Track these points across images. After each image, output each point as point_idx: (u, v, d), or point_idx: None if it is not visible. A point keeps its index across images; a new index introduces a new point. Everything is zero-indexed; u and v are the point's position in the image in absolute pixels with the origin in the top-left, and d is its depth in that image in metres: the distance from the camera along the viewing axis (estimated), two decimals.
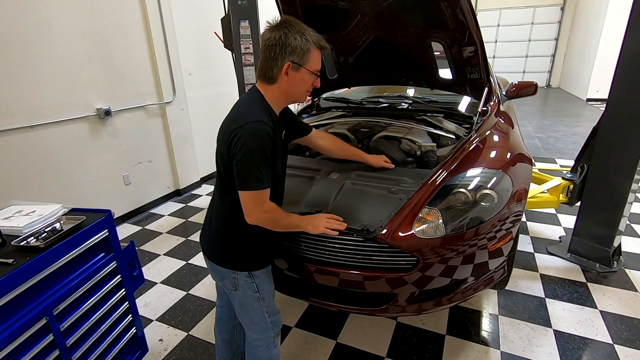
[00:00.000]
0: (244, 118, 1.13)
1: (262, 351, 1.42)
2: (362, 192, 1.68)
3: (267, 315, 1.39)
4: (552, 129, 6.59)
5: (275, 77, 1.17)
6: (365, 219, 1.50)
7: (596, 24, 9.06)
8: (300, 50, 1.14)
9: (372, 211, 1.55)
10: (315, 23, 2.25)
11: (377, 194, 1.66)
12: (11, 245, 1.33)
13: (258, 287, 1.33)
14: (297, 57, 1.14)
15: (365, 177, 1.78)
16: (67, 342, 1.42)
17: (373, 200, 1.62)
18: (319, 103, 2.83)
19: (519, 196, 1.67)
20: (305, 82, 1.21)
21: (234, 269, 1.30)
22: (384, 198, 1.62)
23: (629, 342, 1.90)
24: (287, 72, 1.16)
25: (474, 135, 1.89)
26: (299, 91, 1.23)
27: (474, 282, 1.64)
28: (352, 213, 1.54)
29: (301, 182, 1.81)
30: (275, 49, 1.13)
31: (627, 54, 2.18)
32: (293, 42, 1.13)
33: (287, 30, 1.13)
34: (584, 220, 2.57)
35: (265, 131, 1.12)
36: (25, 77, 2.60)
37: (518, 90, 2.69)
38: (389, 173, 1.79)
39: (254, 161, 1.12)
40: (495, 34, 12.16)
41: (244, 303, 1.36)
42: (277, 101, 1.24)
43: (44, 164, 2.79)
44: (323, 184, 1.76)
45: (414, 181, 1.69)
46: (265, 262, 1.36)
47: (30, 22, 2.59)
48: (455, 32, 1.93)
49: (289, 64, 1.14)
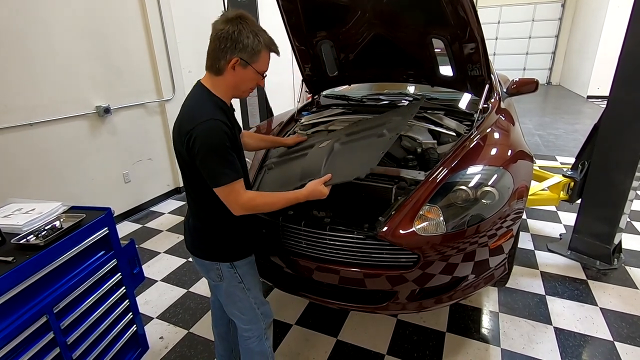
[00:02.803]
0: (196, 118, 1.13)
1: (254, 343, 1.43)
2: (351, 148, 1.67)
3: (255, 307, 1.40)
4: (553, 126, 6.58)
5: (222, 69, 1.17)
6: (356, 167, 1.45)
7: (597, 21, 9.03)
8: (251, 49, 1.15)
9: (362, 158, 1.53)
10: (316, 20, 2.27)
11: (366, 143, 1.65)
12: (11, 243, 1.33)
13: (242, 278, 1.35)
14: (247, 55, 1.16)
15: (354, 133, 1.78)
16: (68, 340, 1.42)
17: (362, 150, 1.61)
18: (319, 100, 2.83)
19: (520, 193, 1.67)
20: (250, 80, 1.22)
21: (215, 261, 1.32)
22: (372, 144, 1.60)
23: (629, 340, 1.90)
24: (234, 67, 1.16)
25: (474, 132, 1.89)
26: (243, 87, 1.24)
27: (474, 279, 1.64)
28: (342, 168, 1.51)
29: (294, 162, 1.79)
30: (226, 42, 1.13)
31: (628, 51, 2.17)
32: (245, 40, 1.14)
33: (242, 27, 1.13)
34: (585, 217, 2.56)
35: (219, 128, 1.12)
36: (24, 74, 2.59)
37: (519, 87, 2.68)
38: (375, 121, 1.84)
39: (215, 158, 1.12)
40: (496, 31, 12.12)
41: (230, 294, 1.38)
42: (225, 93, 1.24)
43: (44, 161, 2.78)
44: (313, 154, 1.72)
45: (401, 117, 1.70)
46: (245, 253, 1.37)
47: (28, 20, 2.57)
48: (456, 28, 1.92)
49: (237, 59, 1.15)
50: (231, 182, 1.14)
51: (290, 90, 6.35)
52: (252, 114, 3.76)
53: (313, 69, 2.61)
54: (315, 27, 2.30)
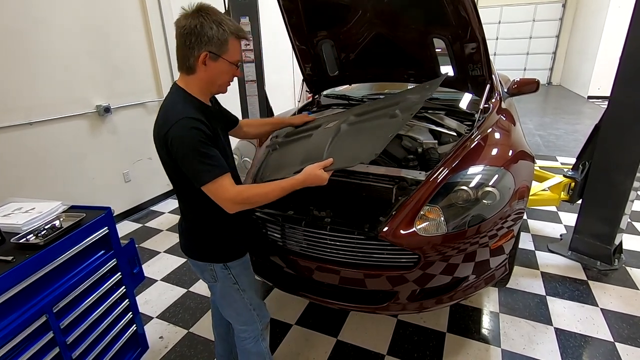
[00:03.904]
0: (170, 120, 1.11)
1: (250, 344, 1.43)
2: (359, 129, 1.52)
3: (251, 307, 1.39)
4: (553, 126, 6.58)
5: (193, 66, 1.14)
6: (361, 152, 1.32)
7: (597, 21, 9.02)
8: (217, 40, 1.10)
9: (370, 141, 1.37)
10: (316, 19, 2.27)
11: (375, 124, 1.49)
12: (10, 242, 1.33)
13: (236, 279, 1.33)
14: (215, 47, 1.11)
15: (365, 112, 1.62)
16: (67, 340, 1.42)
17: (371, 132, 1.45)
18: (320, 100, 2.82)
19: (521, 194, 1.66)
20: (224, 72, 1.18)
21: (209, 261, 1.31)
22: (382, 125, 1.44)
23: (629, 340, 1.90)
24: (205, 62, 1.12)
25: (475, 132, 1.88)
26: (219, 82, 1.19)
27: (475, 280, 1.64)
28: (347, 152, 1.37)
29: (298, 143, 1.68)
30: (190, 37, 1.09)
31: (629, 52, 2.17)
32: (209, 32, 1.09)
33: (203, 19, 1.08)
34: (585, 218, 2.56)
35: (192, 126, 1.09)
36: (23, 74, 2.59)
37: (520, 87, 2.68)
38: (390, 100, 1.67)
39: (194, 156, 1.09)
40: (497, 31, 12.11)
41: (225, 294, 1.37)
42: (202, 92, 1.20)
43: (43, 161, 2.78)
44: (318, 136, 1.59)
45: (419, 95, 1.51)
46: (238, 253, 1.34)
47: (28, 19, 2.57)
48: (457, 28, 1.92)
49: (206, 53, 1.11)
50: (215, 178, 1.10)
51: (291, 90, 6.35)
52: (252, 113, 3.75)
53: (313, 69, 2.60)
54: (315, 27, 2.30)
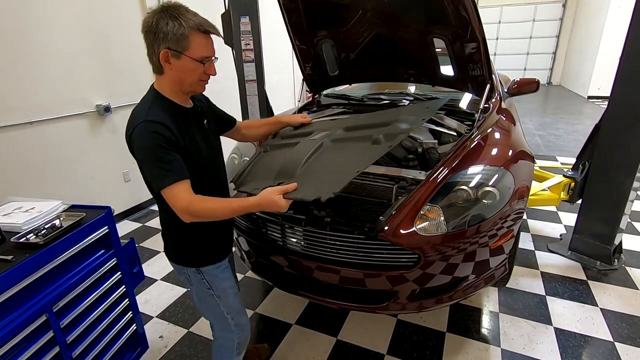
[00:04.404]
0: (133, 123, 1.08)
1: (225, 353, 1.40)
2: (339, 150, 1.37)
3: (228, 316, 1.35)
4: (553, 126, 6.58)
5: (159, 66, 1.09)
6: (324, 185, 1.18)
7: (598, 21, 9.02)
8: (174, 36, 1.03)
9: (336, 173, 1.23)
10: (317, 19, 2.27)
11: (355, 148, 1.34)
12: (10, 242, 1.33)
13: (210, 284, 1.30)
14: (173, 43, 1.04)
15: (354, 128, 1.48)
16: (67, 339, 1.42)
17: (348, 155, 1.29)
18: (320, 100, 2.82)
19: (521, 194, 1.66)
20: (192, 70, 1.11)
21: (181, 265, 1.29)
22: (362, 151, 1.28)
23: (629, 340, 1.90)
24: (168, 60, 1.07)
25: (475, 132, 1.88)
26: (189, 80, 1.13)
27: (475, 279, 1.64)
28: (312, 179, 1.25)
29: (282, 151, 1.57)
30: (149, 35, 1.05)
31: (629, 52, 2.17)
32: (165, 28, 1.03)
33: (161, 14, 1.03)
34: (585, 218, 2.56)
35: (152, 130, 1.04)
36: (24, 73, 2.58)
37: (520, 87, 2.68)
38: (385, 116, 1.51)
39: (150, 161, 1.05)
40: (497, 31, 12.11)
41: (201, 299, 1.35)
42: (174, 92, 1.15)
43: (44, 160, 2.78)
44: (301, 148, 1.48)
45: (415, 117, 1.36)
46: (212, 259, 1.29)
47: (29, 18, 2.57)
48: (457, 28, 1.92)
49: (166, 51, 1.05)
50: (170, 185, 1.05)
51: (291, 90, 6.35)
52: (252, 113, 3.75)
53: (314, 68, 2.60)
54: (316, 27, 2.30)
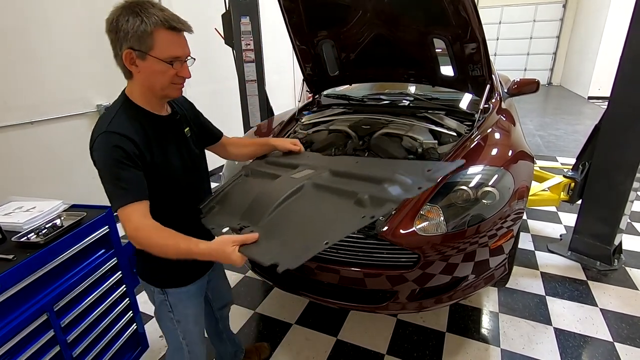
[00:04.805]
0: (94, 133, 1.00)
1: None
2: (318, 201, 1.11)
3: (183, 342, 1.27)
4: (553, 126, 6.58)
5: (126, 69, 0.99)
6: (287, 248, 0.95)
7: (598, 21, 9.02)
8: (135, 34, 0.92)
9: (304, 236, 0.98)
10: (317, 19, 2.27)
11: (337, 204, 1.06)
12: (11, 241, 1.33)
13: (172, 307, 1.21)
14: (135, 42, 0.93)
15: (343, 175, 1.23)
16: (68, 339, 1.42)
17: (320, 217, 1.03)
18: (320, 100, 2.83)
19: (521, 194, 1.66)
20: (160, 72, 0.98)
21: (146, 281, 1.22)
22: (340, 212, 1.02)
23: (629, 340, 1.90)
24: (134, 62, 0.96)
25: (475, 132, 1.89)
26: (159, 84, 1.01)
27: (474, 279, 1.64)
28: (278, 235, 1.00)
29: (259, 183, 1.35)
30: (111, 35, 0.96)
31: (629, 52, 2.17)
32: (125, 25, 0.92)
33: (121, 11, 0.93)
34: (585, 218, 2.56)
35: (112, 143, 0.95)
36: (25, 73, 2.59)
37: (520, 87, 2.68)
38: (382, 167, 1.23)
39: (108, 177, 0.96)
40: (497, 31, 12.12)
41: (159, 318, 1.28)
42: (145, 98, 1.05)
43: (45, 160, 2.78)
44: (278, 185, 1.25)
45: (411, 182, 1.07)
46: (179, 282, 1.20)
47: (30, 19, 2.57)
48: (457, 28, 1.92)
49: (129, 51, 0.94)
50: (123, 205, 0.95)
51: (291, 90, 6.36)
52: (252, 113, 3.76)
53: (314, 69, 2.61)
54: (316, 27, 2.30)
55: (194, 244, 0.95)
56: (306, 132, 2.29)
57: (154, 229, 0.97)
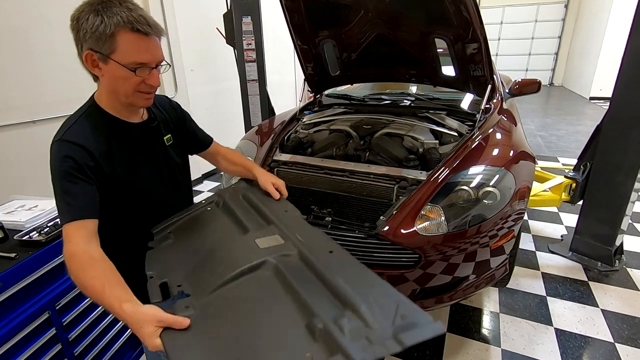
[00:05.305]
0: (55, 135, 0.93)
1: None
2: (270, 299, 0.84)
3: None
4: (555, 127, 6.57)
5: (90, 70, 0.92)
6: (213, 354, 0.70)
7: (600, 21, 9.00)
8: (93, 34, 0.83)
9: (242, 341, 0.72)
10: (318, 19, 2.27)
11: (286, 319, 0.78)
12: (13, 239, 1.34)
13: None
14: (95, 44, 0.84)
15: (311, 267, 0.91)
16: (69, 337, 1.42)
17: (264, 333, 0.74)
18: (321, 100, 2.83)
19: (522, 194, 1.66)
20: (123, 78, 0.88)
21: None
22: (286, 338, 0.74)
23: (630, 341, 1.90)
24: (97, 64, 0.88)
25: (476, 132, 1.89)
26: (122, 91, 0.91)
27: (475, 279, 1.64)
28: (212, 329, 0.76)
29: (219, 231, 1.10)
30: (73, 33, 0.87)
31: (631, 52, 2.17)
32: (85, 24, 0.83)
33: (84, 7, 0.84)
34: (586, 218, 2.56)
35: (64, 153, 0.88)
36: (26, 72, 2.59)
37: (521, 87, 2.68)
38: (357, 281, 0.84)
39: (56, 189, 0.90)
40: (498, 31, 12.10)
41: None
42: (110, 103, 0.97)
43: (46, 159, 2.77)
44: (238, 251, 0.98)
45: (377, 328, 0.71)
46: None
47: (30, 18, 2.58)
48: (459, 28, 1.92)
49: (90, 53, 0.86)
50: (66, 222, 0.86)
51: (292, 90, 6.36)
52: (253, 112, 3.76)
53: (315, 68, 2.61)
54: (317, 27, 2.30)
55: (118, 302, 0.74)
56: (307, 132, 2.29)
57: (90, 262, 0.81)
